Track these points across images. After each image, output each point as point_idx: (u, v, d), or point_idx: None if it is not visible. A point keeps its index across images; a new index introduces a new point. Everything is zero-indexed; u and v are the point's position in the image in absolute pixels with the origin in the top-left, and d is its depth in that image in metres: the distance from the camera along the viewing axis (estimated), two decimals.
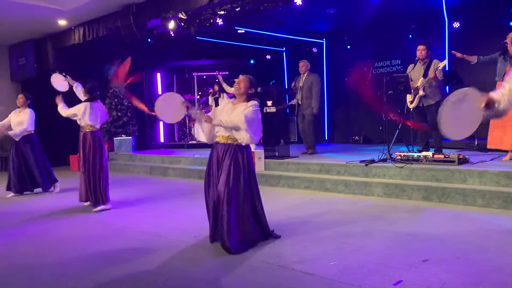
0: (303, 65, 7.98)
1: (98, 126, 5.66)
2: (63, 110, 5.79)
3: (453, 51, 6.57)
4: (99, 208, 5.50)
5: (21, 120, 6.86)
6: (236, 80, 4.00)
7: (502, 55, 6.15)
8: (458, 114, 2.60)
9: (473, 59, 6.42)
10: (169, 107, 3.86)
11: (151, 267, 3.31)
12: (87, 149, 5.56)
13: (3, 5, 7.97)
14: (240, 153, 3.71)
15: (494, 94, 2.56)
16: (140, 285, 2.97)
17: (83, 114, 5.54)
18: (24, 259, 3.65)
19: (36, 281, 3.12)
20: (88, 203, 5.70)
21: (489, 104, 2.51)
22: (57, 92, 6.20)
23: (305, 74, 7.91)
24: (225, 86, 9.35)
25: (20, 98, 6.99)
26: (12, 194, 6.90)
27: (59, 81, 6.45)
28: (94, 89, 5.71)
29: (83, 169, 5.59)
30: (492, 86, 6.12)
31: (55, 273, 3.27)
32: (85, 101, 5.65)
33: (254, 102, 3.75)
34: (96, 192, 5.53)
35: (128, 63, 5.80)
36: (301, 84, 7.89)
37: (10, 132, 6.86)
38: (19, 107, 6.99)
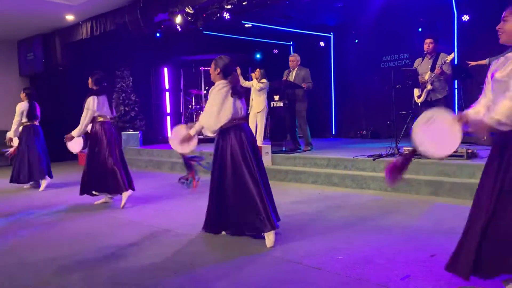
0: (294, 60, 7.68)
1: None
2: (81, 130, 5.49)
3: (467, 61, 6.59)
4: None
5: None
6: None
7: None
8: (433, 134, 2.60)
9: (484, 62, 6.37)
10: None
11: (159, 261, 3.34)
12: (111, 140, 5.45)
13: (11, 1, 8.01)
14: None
15: (470, 114, 2.54)
16: (147, 278, 2.99)
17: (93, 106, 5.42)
18: (32, 253, 3.69)
19: (44, 275, 3.15)
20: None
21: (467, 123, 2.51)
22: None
23: (296, 69, 7.65)
24: (241, 79, 9.29)
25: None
26: (27, 185, 7.13)
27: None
28: (101, 80, 5.57)
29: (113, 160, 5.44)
30: None
31: (63, 266, 3.30)
32: (92, 93, 5.46)
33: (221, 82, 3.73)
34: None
35: None
36: (291, 79, 7.59)
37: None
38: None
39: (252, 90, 8.19)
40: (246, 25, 10.26)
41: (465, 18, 8.72)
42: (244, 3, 7.28)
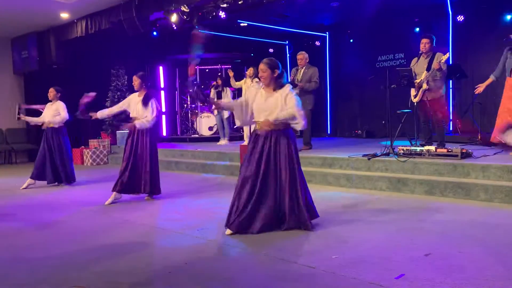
0: (302, 58, 7.46)
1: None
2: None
3: (475, 91, 6.24)
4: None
5: (56, 108, 6.88)
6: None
7: (510, 51, 5.92)
8: None
9: (491, 80, 6.07)
10: None
11: (154, 260, 3.33)
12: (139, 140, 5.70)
13: None
14: (286, 137, 4.01)
15: None
16: (142, 277, 2.98)
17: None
18: (28, 251, 3.67)
19: (38, 273, 3.13)
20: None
21: None
22: None
23: (304, 67, 7.46)
24: (232, 82, 9.25)
25: (51, 92, 6.97)
26: (32, 181, 6.91)
27: None
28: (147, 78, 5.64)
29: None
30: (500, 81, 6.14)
31: (56, 265, 3.28)
32: (148, 95, 5.56)
33: (289, 87, 3.95)
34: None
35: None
36: (299, 77, 7.41)
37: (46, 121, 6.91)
38: (50, 101, 7.00)
39: (244, 89, 8.13)
40: (241, 24, 10.25)
41: (460, 18, 8.76)
42: (239, 2, 7.27)
